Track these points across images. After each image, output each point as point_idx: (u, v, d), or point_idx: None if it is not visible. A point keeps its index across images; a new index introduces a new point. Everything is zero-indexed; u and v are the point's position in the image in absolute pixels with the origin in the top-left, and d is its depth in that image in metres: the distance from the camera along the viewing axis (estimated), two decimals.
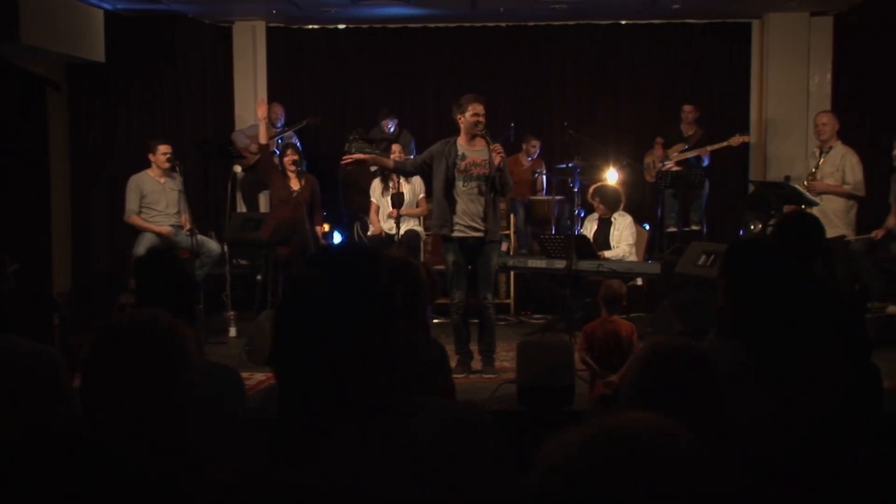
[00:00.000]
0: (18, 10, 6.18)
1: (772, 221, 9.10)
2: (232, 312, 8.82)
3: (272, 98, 10.74)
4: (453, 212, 7.13)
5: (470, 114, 7.06)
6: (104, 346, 2.14)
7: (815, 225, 4.22)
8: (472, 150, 7.10)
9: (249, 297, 9.45)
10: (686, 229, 10.07)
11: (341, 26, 11.31)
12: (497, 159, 7.02)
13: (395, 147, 9.40)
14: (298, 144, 10.16)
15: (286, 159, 9.14)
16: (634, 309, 8.84)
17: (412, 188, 9.22)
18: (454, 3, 10.14)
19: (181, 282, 3.43)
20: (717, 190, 10.37)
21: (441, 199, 7.19)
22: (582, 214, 9.73)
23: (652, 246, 9.66)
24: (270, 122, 10.46)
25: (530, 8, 10.28)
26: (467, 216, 7.13)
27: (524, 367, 6.14)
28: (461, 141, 7.12)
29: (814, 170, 8.38)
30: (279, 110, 10.44)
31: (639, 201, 10.22)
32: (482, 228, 7.12)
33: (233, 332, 8.62)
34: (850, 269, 8.32)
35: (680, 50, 11.22)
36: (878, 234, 8.19)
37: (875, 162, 8.77)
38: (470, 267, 7.14)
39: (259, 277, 9.47)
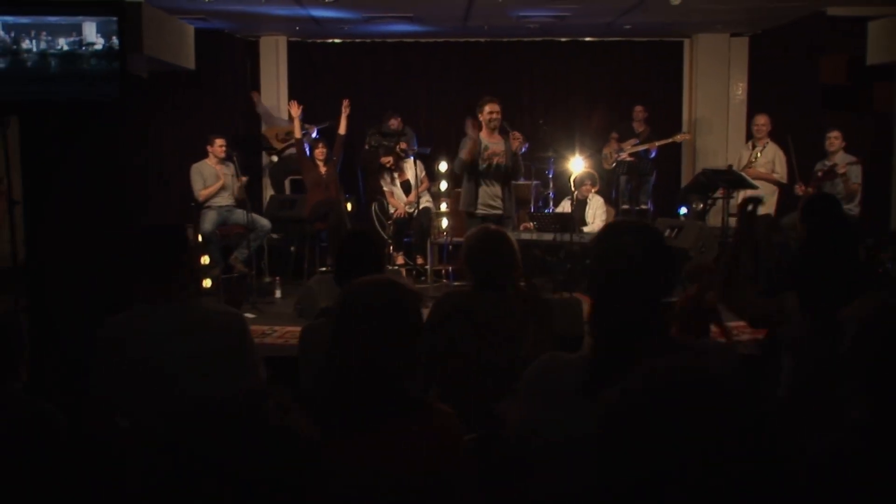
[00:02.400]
0: (142, 25, 6.73)
1: (709, 202, 10.09)
2: (278, 277, 9.38)
3: (293, 99, 11.34)
4: (478, 193, 7.87)
5: (485, 112, 7.85)
6: (353, 299, 2.28)
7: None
8: (492, 143, 7.90)
9: (284, 265, 10.00)
10: (637, 208, 11.00)
11: (348, 41, 11.96)
12: (515, 144, 7.80)
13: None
14: (316, 136, 10.84)
15: (317, 151, 9.82)
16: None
17: (413, 173, 9.92)
18: (449, 22, 10.87)
19: (375, 254, 3.75)
20: (660, 176, 11.27)
21: (468, 183, 7.94)
22: (553, 196, 10.57)
23: None
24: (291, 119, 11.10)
25: (509, 25, 11.08)
26: (488, 197, 7.90)
27: None
28: (483, 135, 7.87)
29: (752, 160, 9.17)
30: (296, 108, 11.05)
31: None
32: (500, 207, 7.89)
33: (278, 293, 9.11)
34: (772, 241, 9.16)
35: (628, 62, 12.17)
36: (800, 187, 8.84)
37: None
38: None
39: (293, 248, 10.09)
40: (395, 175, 10.04)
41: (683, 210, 10.94)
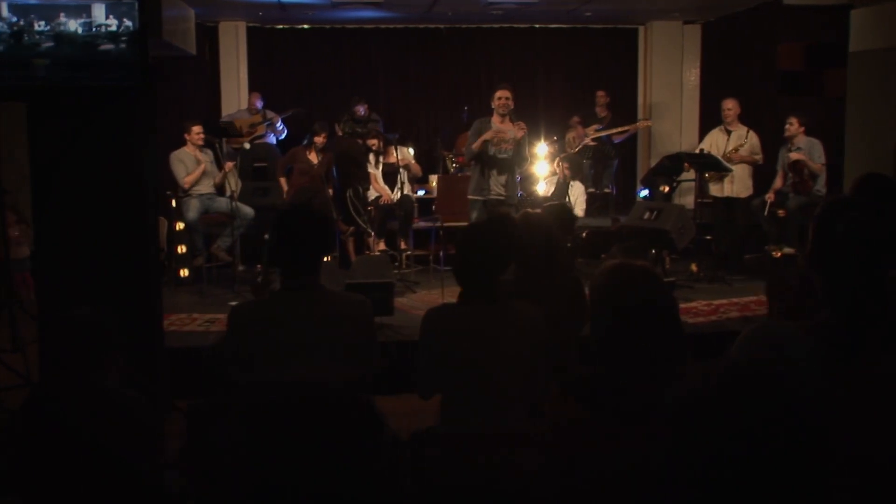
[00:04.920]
0: (161, 10, 6.60)
1: (675, 184, 10.43)
2: (259, 266, 9.20)
3: (253, 88, 11.21)
4: (486, 179, 7.96)
5: (495, 98, 7.94)
6: (610, 278, 2.30)
7: None
8: (501, 130, 7.96)
9: (255, 252, 9.81)
10: (601, 192, 11.30)
11: (308, 26, 11.84)
12: (520, 133, 7.90)
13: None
14: (281, 127, 10.76)
15: (317, 139, 9.68)
16: (577, 255, 9.95)
17: (402, 155, 9.90)
18: (415, 8, 10.84)
19: (510, 239, 3.57)
20: (620, 160, 11.59)
21: (475, 168, 8.04)
22: (518, 180, 10.71)
23: None
24: (251, 108, 10.99)
25: (474, 12, 11.12)
26: (493, 182, 7.98)
27: None
28: (494, 120, 7.96)
29: (734, 145, 9.25)
30: (256, 99, 10.92)
31: None
32: (504, 193, 8.00)
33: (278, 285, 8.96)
34: (748, 220, 9.56)
35: (586, 49, 12.40)
36: (770, 196, 9.24)
37: None
38: None
39: (267, 236, 9.91)
40: (381, 158, 9.98)
41: (644, 193, 11.30)
